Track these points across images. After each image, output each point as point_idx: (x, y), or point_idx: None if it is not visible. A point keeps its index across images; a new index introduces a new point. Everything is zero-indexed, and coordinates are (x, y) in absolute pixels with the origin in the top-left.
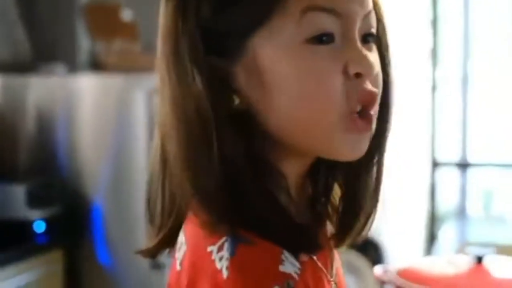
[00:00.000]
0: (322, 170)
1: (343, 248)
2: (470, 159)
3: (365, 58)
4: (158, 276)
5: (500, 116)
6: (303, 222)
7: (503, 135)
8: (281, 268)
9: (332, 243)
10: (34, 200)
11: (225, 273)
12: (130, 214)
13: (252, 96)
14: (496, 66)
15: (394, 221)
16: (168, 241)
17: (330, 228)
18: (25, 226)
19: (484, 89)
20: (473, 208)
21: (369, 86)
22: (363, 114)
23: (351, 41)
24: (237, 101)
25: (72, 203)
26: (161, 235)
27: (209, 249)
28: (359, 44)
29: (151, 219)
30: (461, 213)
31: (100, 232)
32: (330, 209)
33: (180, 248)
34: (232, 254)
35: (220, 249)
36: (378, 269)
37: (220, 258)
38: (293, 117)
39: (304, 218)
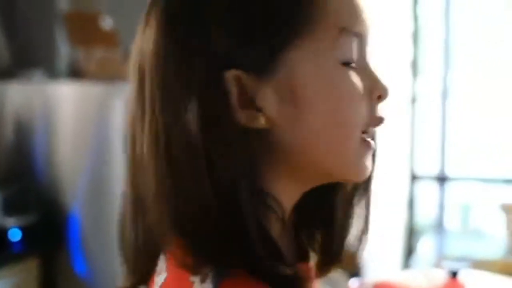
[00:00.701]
0: (314, 197)
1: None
2: (448, 173)
3: (382, 81)
4: None
5: (479, 130)
6: (291, 258)
7: (481, 149)
8: None
9: (315, 272)
10: (10, 208)
11: None
12: (107, 223)
13: (279, 114)
14: (476, 79)
15: (372, 233)
16: (145, 280)
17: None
18: (0, 234)
19: (463, 102)
20: (451, 222)
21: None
22: (372, 135)
23: (367, 64)
24: (262, 119)
25: (48, 211)
26: (137, 276)
27: (191, 279)
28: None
29: (125, 260)
30: (439, 226)
31: (77, 241)
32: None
33: (159, 273)
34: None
35: (203, 280)
36: (354, 282)
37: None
38: (321, 136)
39: (291, 251)
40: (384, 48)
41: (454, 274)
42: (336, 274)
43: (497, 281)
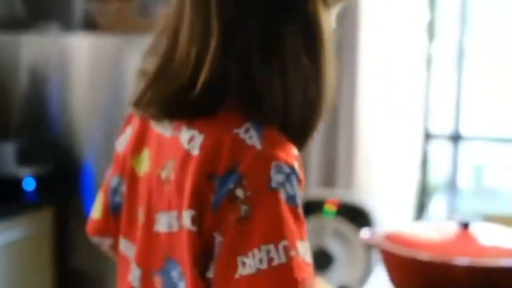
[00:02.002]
0: None
1: (333, 216)
2: (462, 132)
3: None
4: None
5: (493, 90)
6: None
7: (496, 109)
8: (295, 151)
9: None
10: (24, 157)
11: (258, 146)
12: None
13: None
14: (493, 40)
15: (385, 191)
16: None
17: None
18: (15, 183)
19: (479, 63)
20: (464, 181)
21: None
22: None
23: None
24: None
25: (62, 161)
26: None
27: (235, 131)
28: None
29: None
30: (451, 185)
31: (91, 191)
32: None
33: (192, 140)
34: (261, 133)
35: (246, 131)
36: (365, 233)
37: (249, 137)
38: None
39: None
40: (401, 10)
41: (465, 226)
42: (347, 230)
43: (508, 233)
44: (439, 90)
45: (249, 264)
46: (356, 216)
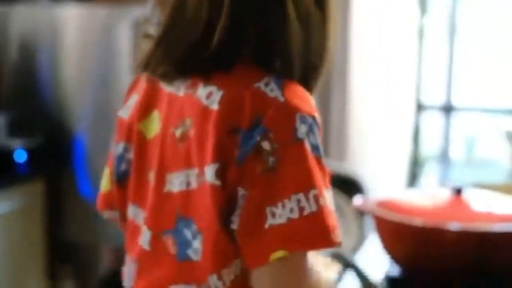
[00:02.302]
0: None
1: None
2: (454, 103)
3: None
4: None
5: (485, 61)
6: None
7: (488, 80)
8: (314, 102)
9: None
10: (15, 129)
11: (281, 98)
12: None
13: None
14: (484, 12)
15: (377, 163)
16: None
17: None
18: (6, 155)
19: (471, 34)
20: (456, 152)
21: None
22: None
23: None
24: None
25: (54, 133)
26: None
27: (255, 85)
28: None
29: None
30: (443, 156)
31: (82, 163)
32: None
33: (210, 96)
34: (281, 86)
35: (267, 84)
36: (357, 200)
37: (271, 90)
38: None
39: None
40: None
41: (458, 192)
42: (340, 200)
43: (500, 199)
44: (431, 61)
45: (279, 214)
46: (349, 186)
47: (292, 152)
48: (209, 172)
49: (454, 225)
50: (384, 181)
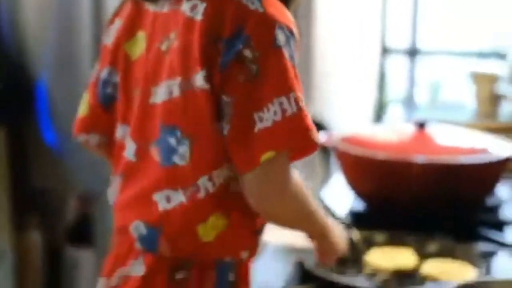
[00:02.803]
0: None
1: None
2: (420, 47)
3: None
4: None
5: (450, 4)
6: None
7: (452, 23)
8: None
9: None
10: None
11: (260, 9)
12: (76, 92)
13: None
14: None
15: (342, 107)
16: None
17: None
18: None
19: None
20: (421, 95)
21: None
22: None
23: None
24: None
25: (15, 80)
26: None
27: None
28: None
29: None
30: (409, 99)
31: (45, 110)
32: None
33: (194, 8)
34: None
35: None
36: (322, 136)
37: (251, 2)
38: None
39: None
40: None
41: (421, 126)
42: None
43: (464, 133)
44: (396, 4)
45: (266, 118)
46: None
47: (272, 58)
48: (199, 78)
49: (418, 158)
50: (349, 124)
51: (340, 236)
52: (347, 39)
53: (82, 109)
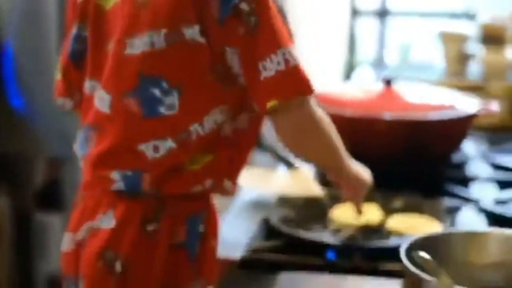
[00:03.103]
0: None
1: None
2: (389, 8)
3: None
4: (72, 116)
5: None
6: None
7: None
8: None
9: None
10: None
11: None
12: (43, 55)
13: None
14: None
15: (312, 68)
16: None
17: None
18: None
19: None
20: (391, 57)
21: None
22: None
23: None
24: None
25: None
26: None
27: None
28: None
29: None
30: (379, 61)
31: (11, 74)
32: None
33: None
34: None
35: None
36: None
37: None
38: None
39: None
40: None
41: (388, 83)
42: None
43: (431, 90)
44: None
45: (269, 67)
46: None
47: (268, 9)
48: (191, 32)
49: (385, 115)
50: (319, 87)
51: (364, 169)
52: (317, 1)
53: (57, 72)
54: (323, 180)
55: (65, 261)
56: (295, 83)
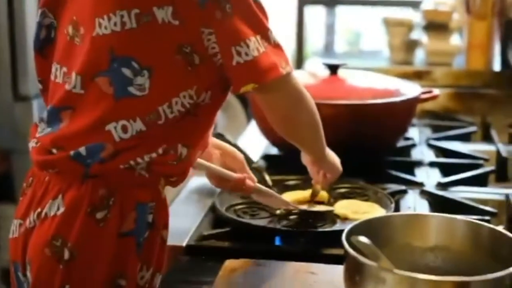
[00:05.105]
0: None
1: None
2: None
3: None
4: (23, 109)
5: None
6: None
7: None
8: None
9: None
10: None
11: None
12: None
13: None
14: None
15: None
16: None
17: None
18: None
19: None
20: (340, 45)
21: None
22: None
23: None
24: None
25: None
26: None
27: None
28: None
29: None
30: (328, 50)
31: None
32: None
33: None
34: None
35: None
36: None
37: None
38: None
39: None
40: None
41: (333, 69)
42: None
43: (376, 77)
44: None
45: (245, 52)
46: None
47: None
48: (162, 12)
49: (330, 100)
50: None
51: (336, 158)
52: None
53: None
54: (271, 168)
55: (13, 246)
56: (268, 66)
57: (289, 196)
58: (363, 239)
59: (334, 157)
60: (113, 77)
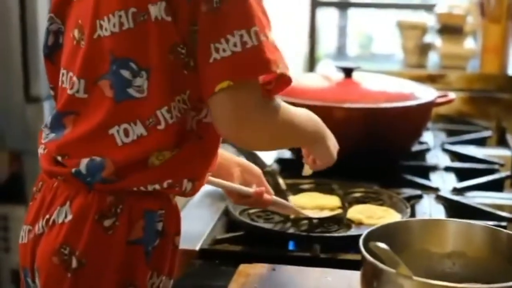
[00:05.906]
0: None
1: None
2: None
3: None
4: (34, 110)
5: None
6: None
7: None
8: None
9: None
10: None
11: None
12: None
13: None
14: None
15: None
16: None
17: None
18: None
19: None
20: (353, 48)
21: None
22: None
23: None
24: None
25: None
26: None
27: None
28: None
29: None
30: (340, 53)
31: None
32: None
33: None
34: None
35: None
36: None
37: None
38: None
39: None
40: None
41: (348, 72)
42: None
43: (390, 80)
44: None
45: (223, 48)
46: None
47: None
48: (156, 10)
49: (344, 103)
50: None
51: (335, 144)
52: None
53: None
54: (284, 172)
55: (22, 252)
56: (251, 63)
57: (302, 199)
58: (381, 245)
59: (330, 145)
60: (113, 80)
